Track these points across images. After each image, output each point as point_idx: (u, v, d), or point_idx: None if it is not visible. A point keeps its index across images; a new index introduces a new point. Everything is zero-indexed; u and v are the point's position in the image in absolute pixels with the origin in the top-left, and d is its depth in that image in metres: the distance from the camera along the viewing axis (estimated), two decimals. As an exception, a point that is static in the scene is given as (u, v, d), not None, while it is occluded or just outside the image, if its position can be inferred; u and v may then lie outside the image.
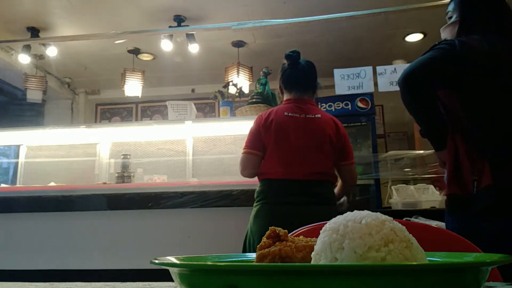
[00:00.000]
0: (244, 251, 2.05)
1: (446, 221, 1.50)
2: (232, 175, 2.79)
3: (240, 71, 4.59)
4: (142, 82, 4.94)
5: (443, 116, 1.51)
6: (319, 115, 2.13)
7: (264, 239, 0.54)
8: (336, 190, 2.22)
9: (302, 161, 2.04)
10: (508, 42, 1.46)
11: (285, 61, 2.23)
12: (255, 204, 2.09)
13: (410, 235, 0.45)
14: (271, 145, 2.07)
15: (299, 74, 2.20)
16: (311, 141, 2.07)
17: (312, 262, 0.47)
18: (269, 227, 0.55)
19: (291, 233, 0.88)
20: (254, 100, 3.22)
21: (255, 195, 2.11)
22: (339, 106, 4.01)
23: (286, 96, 2.21)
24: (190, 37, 4.29)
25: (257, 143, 2.11)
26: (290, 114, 2.10)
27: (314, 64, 2.24)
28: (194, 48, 4.41)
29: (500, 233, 1.26)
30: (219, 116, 3.49)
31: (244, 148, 2.14)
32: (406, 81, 1.46)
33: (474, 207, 1.35)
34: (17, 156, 3.65)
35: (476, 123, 1.41)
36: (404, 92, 1.49)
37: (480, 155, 1.38)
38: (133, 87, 4.89)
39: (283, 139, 2.06)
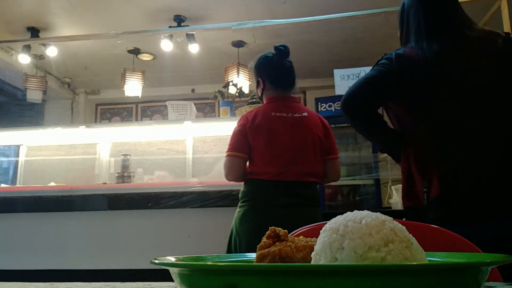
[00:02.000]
0: (229, 252, 1.98)
1: None
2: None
3: (240, 71, 4.59)
4: (142, 82, 4.94)
5: (395, 130, 1.48)
6: (305, 114, 2.08)
7: (264, 239, 0.54)
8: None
9: (294, 162, 1.99)
10: (446, 44, 1.40)
11: (267, 54, 2.17)
12: (241, 205, 2.02)
13: (410, 235, 0.45)
14: (261, 146, 1.99)
15: (288, 70, 2.13)
16: (301, 141, 2.02)
17: (312, 262, 0.47)
18: (269, 228, 0.55)
19: (289, 234, 0.88)
20: (254, 100, 3.22)
21: (241, 195, 2.04)
22: (339, 106, 4.00)
23: (270, 93, 2.12)
24: (190, 37, 4.29)
25: (243, 145, 2.02)
26: (277, 114, 2.03)
27: None
28: (194, 48, 4.41)
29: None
30: (219, 116, 3.49)
31: (228, 151, 2.03)
32: (344, 106, 1.46)
33: (425, 218, 1.33)
34: (17, 156, 3.65)
35: (422, 135, 1.37)
36: (347, 117, 1.49)
37: (429, 167, 1.35)
38: (133, 87, 4.89)
39: (274, 140, 2.00)
